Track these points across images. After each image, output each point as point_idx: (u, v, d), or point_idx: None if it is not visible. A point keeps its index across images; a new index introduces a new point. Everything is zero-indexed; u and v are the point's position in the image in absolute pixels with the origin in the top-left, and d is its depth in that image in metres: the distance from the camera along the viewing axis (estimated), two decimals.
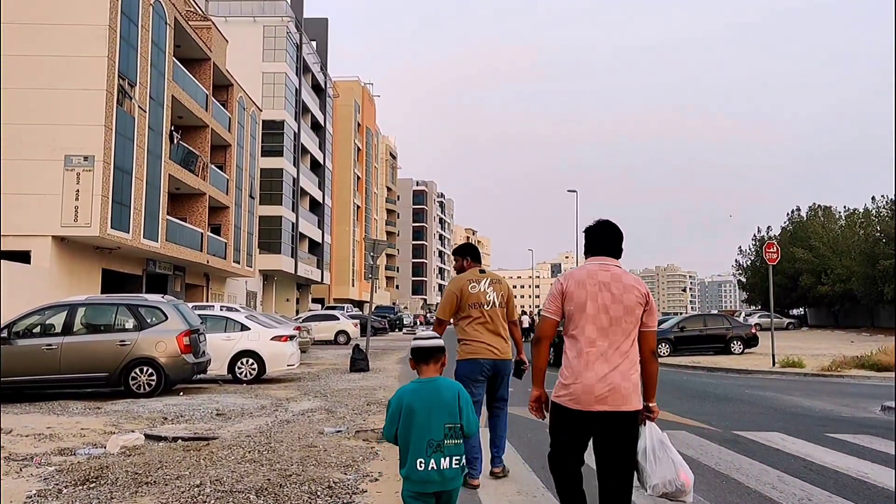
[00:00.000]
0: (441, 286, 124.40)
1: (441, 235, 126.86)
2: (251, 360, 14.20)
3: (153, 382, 11.56)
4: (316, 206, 56.84)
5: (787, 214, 62.00)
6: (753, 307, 65.34)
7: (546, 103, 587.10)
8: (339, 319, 33.05)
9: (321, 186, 57.38)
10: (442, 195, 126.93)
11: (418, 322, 62.71)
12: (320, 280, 56.51)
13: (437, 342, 3.38)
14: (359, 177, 70.64)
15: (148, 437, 7.61)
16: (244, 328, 14.58)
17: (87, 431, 8.19)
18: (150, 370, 11.59)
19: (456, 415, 3.21)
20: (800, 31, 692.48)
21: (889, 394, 11.82)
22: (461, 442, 3.21)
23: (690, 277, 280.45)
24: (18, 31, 22.32)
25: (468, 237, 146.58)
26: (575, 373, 3.50)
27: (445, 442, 3.16)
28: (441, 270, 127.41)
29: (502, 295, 5.57)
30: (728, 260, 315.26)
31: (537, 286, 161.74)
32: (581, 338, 3.53)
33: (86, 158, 22.27)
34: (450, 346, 3.65)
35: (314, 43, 56.70)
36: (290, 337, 14.96)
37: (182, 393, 12.17)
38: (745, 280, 62.43)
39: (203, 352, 12.66)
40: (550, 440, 3.68)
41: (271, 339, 14.46)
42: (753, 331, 23.45)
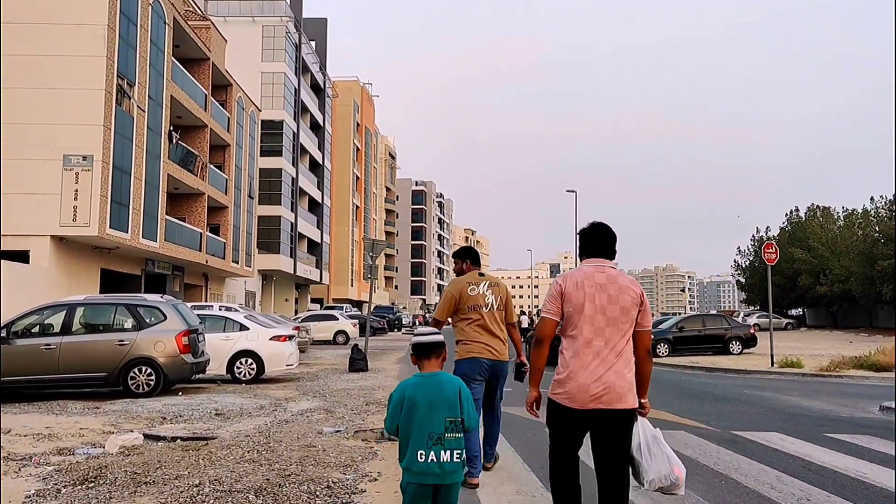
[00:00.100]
0: (440, 286, 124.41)
1: (440, 235, 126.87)
2: (250, 360, 14.20)
3: (152, 382, 11.56)
4: (315, 206, 56.84)
5: (786, 215, 62.09)
6: (752, 307, 65.38)
7: (546, 103, 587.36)
8: (338, 319, 33.08)
9: (320, 186, 57.38)
10: (441, 195, 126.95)
11: (417, 322, 62.66)
12: (319, 280, 56.52)
13: (438, 338, 3.44)
14: (358, 177, 70.65)
15: (147, 437, 7.61)
16: (243, 328, 14.59)
17: (86, 431, 8.19)
18: (149, 370, 11.59)
19: (457, 409, 3.25)
20: (800, 31, 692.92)
21: (887, 394, 11.84)
22: (461, 436, 3.25)
23: (689, 278, 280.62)
24: (17, 31, 22.32)
25: (467, 237, 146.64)
26: (571, 372, 3.56)
27: (446, 435, 3.20)
28: (440, 270, 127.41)
29: (501, 298, 5.69)
30: (727, 260, 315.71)
31: (536, 286, 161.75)
32: (578, 338, 3.58)
33: (85, 158, 22.27)
34: (449, 347, 3.67)
35: (313, 43, 56.69)
36: (289, 337, 14.96)
37: (181, 393, 12.17)
38: (744, 280, 62.43)
39: (202, 352, 12.67)
40: (550, 440, 3.72)
41: (270, 339, 14.47)
42: (752, 331, 23.50)
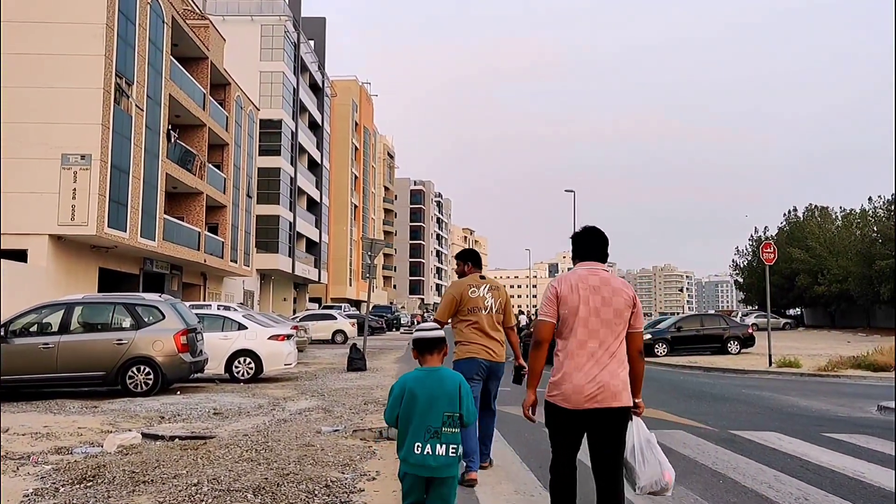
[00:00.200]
0: (438, 286, 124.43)
1: (438, 235, 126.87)
2: (248, 360, 14.20)
3: (150, 381, 11.55)
4: (313, 206, 56.81)
5: (784, 215, 62.09)
6: (750, 307, 65.40)
7: (546, 103, 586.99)
8: (337, 319, 33.09)
9: (318, 186, 57.33)
10: (439, 195, 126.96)
11: (415, 322, 62.71)
12: (317, 279, 56.49)
13: (440, 333, 3.52)
14: (356, 176, 70.60)
15: (145, 436, 7.61)
16: (241, 327, 14.58)
17: (84, 430, 8.18)
18: (147, 369, 11.58)
19: (456, 404, 3.31)
20: (800, 31, 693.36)
21: (885, 394, 11.86)
22: (458, 431, 3.30)
23: (687, 277, 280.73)
24: (16, 30, 22.29)
25: (465, 237, 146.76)
26: (565, 373, 3.62)
27: (443, 430, 3.25)
28: (438, 270, 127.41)
29: (500, 301, 5.81)
30: (725, 260, 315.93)
31: (534, 286, 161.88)
32: (573, 339, 3.65)
33: (83, 157, 22.24)
34: (448, 346, 3.69)
35: (312, 42, 56.62)
36: (288, 336, 14.95)
37: (179, 392, 12.16)
38: (742, 280, 62.45)
39: (200, 351, 12.66)
40: (550, 443, 3.76)
41: (268, 339, 14.45)
42: (750, 331, 23.53)
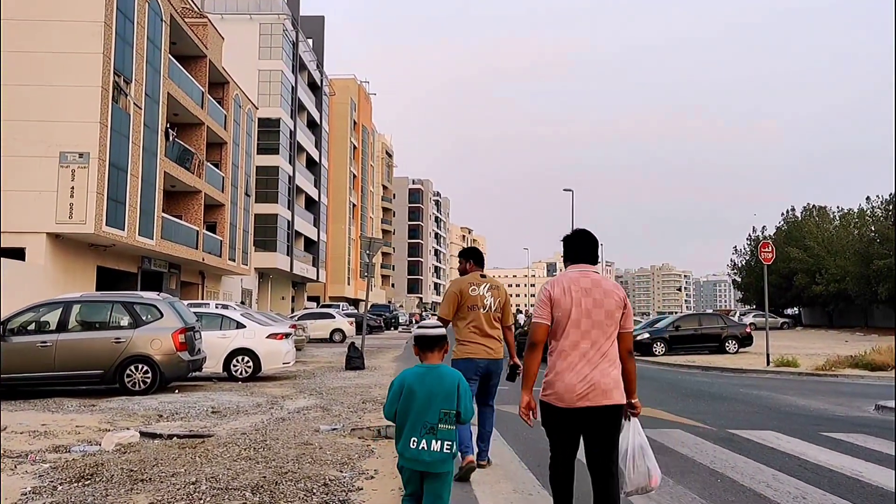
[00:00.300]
0: (437, 284, 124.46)
1: (437, 234, 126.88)
2: (247, 358, 14.20)
3: (148, 380, 11.55)
4: (312, 204, 56.78)
5: (782, 214, 62.16)
6: (748, 307, 65.43)
7: (546, 103, 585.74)
8: (335, 317, 33.06)
9: (317, 184, 57.31)
10: (438, 194, 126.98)
11: (413, 320, 62.72)
12: (316, 278, 56.48)
13: (440, 331, 3.58)
14: (355, 175, 70.56)
15: (143, 435, 7.60)
16: (240, 326, 14.57)
17: (82, 429, 8.17)
18: (146, 368, 11.58)
19: (453, 401, 3.36)
20: (800, 31, 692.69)
21: (882, 393, 11.88)
22: (454, 428, 3.35)
23: (685, 277, 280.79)
24: (14, 28, 22.25)
25: (464, 236, 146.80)
26: (558, 373, 3.69)
27: (439, 426, 3.30)
28: (436, 269, 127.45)
29: (499, 301, 5.86)
30: (723, 259, 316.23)
31: (532, 285, 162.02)
32: (565, 340, 3.71)
33: (81, 155, 22.21)
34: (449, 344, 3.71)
35: (310, 41, 56.58)
36: (286, 335, 14.95)
37: (177, 390, 12.16)
38: (740, 280, 62.45)
39: (198, 349, 12.66)
40: (549, 443, 3.80)
41: (267, 337, 14.45)
42: (748, 330, 23.56)
